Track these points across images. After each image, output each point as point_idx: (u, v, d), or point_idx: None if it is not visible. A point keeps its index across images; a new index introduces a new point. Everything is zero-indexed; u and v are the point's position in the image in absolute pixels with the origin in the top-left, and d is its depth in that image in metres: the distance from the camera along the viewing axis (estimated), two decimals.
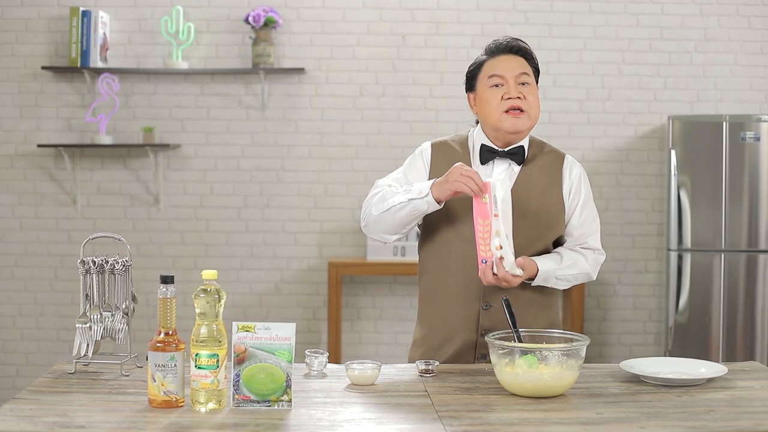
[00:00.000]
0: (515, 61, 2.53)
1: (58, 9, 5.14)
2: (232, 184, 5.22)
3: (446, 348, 2.54)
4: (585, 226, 2.62)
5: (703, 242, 4.81)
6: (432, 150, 2.62)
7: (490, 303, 2.51)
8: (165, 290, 2.05)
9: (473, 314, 2.53)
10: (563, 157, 2.65)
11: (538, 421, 1.92)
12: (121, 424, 1.88)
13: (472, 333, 2.53)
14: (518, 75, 2.51)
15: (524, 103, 2.50)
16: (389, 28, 5.20)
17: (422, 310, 2.65)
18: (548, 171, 2.59)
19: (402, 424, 1.91)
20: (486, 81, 2.53)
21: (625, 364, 2.34)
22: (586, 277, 2.61)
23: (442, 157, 2.59)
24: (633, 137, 5.24)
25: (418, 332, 2.66)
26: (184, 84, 5.18)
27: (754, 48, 5.23)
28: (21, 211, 5.23)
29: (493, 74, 2.52)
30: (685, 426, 1.89)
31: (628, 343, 5.30)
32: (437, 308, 2.58)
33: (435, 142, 2.65)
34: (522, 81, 2.52)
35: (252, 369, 2.00)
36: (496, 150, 2.56)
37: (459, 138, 2.66)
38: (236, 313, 5.16)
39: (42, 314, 5.25)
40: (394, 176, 2.63)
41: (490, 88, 2.52)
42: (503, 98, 2.50)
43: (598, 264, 2.64)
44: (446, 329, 2.56)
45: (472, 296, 2.52)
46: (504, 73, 2.51)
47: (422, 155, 2.62)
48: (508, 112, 2.50)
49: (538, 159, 2.60)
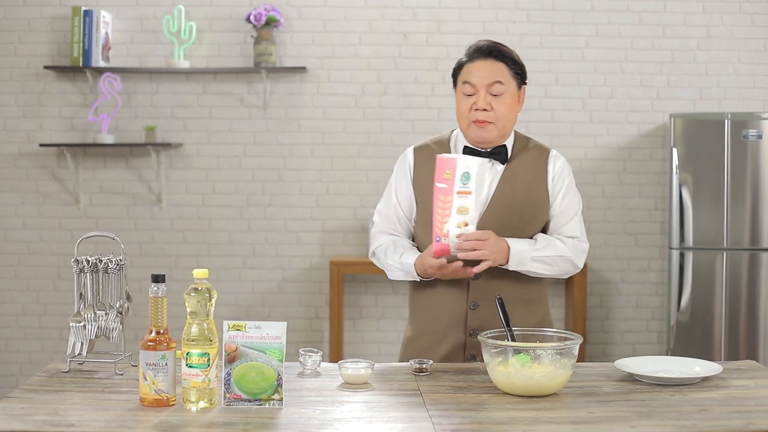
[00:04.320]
0: (491, 67, 2.50)
1: (60, 8, 5.15)
2: (234, 183, 5.23)
3: (436, 350, 2.54)
4: (565, 213, 2.59)
5: (705, 240, 4.79)
6: (415, 154, 2.64)
7: (477, 303, 2.51)
8: (156, 289, 2.05)
9: (461, 314, 2.53)
10: (548, 152, 2.64)
11: (529, 420, 1.92)
12: (111, 423, 1.89)
13: (460, 333, 2.53)
14: (490, 84, 2.49)
15: (491, 114, 2.49)
16: (391, 27, 5.19)
17: (412, 311, 2.68)
18: (533, 166, 2.58)
19: (392, 423, 1.91)
20: (461, 86, 2.54)
21: (619, 363, 2.33)
22: (569, 263, 2.55)
23: (426, 161, 2.60)
24: (636, 135, 5.22)
25: (409, 332, 2.67)
26: (186, 83, 5.19)
27: (757, 45, 5.20)
28: (24, 210, 5.24)
29: (466, 81, 2.52)
30: (676, 425, 1.88)
31: (631, 341, 5.28)
32: (425, 309, 2.59)
33: (417, 147, 2.66)
34: (494, 92, 2.49)
35: (243, 368, 2.00)
36: (479, 151, 2.56)
37: (440, 140, 2.66)
38: (239, 312, 5.17)
39: (45, 313, 5.26)
40: (385, 206, 2.66)
41: (462, 95, 2.54)
42: (472, 108, 2.50)
43: (581, 251, 2.58)
44: (435, 330, 2.56)
45: (459, 297, 2.51)
46: (476, 82, 2.50)
47: (406, 162, 2.65)
48: (475, 122, 2.51)
49: (523, 155, 2.60)
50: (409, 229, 2.66)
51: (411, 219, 2.64)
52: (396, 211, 2.64)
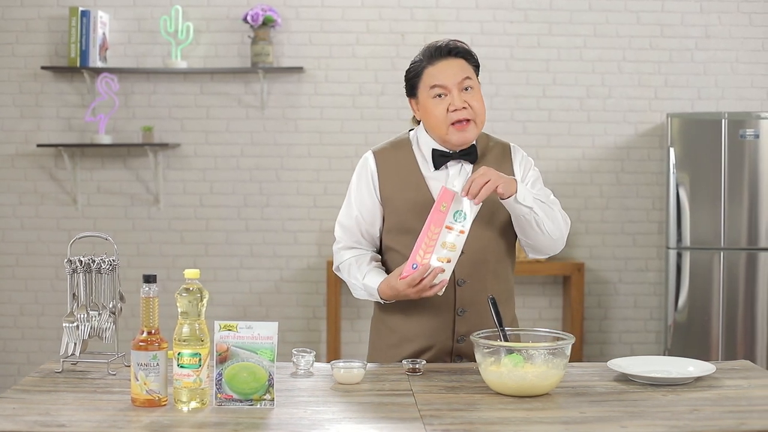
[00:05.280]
0: (456, 65, 2.45)
1: (57, 9, 5.16)
2: (231, 183, 5.23)
3: (424, 357, 2.50)
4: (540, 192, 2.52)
5: (702, 240, 4.79)
6: (376, 160, 2.55)
7: (465, 309, 2.49)
8: (147, 289, 2.05)
9: (448, 321, 2.50)
10: (509, 147, 2.60)
11: (520, 420, 1.91)
12: (102, 423, 1.88)
13: (448, 340, 2.51)
14: (461, 81, 2.43)
15: (470, 112, 2.43)
16: (388, 27, 5.19)
17: (399, 316, 2.56)
18: (499, 162, 2.54)
19: (383, 423, 1.90)
20: (428, 91, 2.45)
21: (612, 363, 2.33)
22: (562, 220, 2.48)
23: (388, 164, 2.53)
24: (633, 135, 5.22)
25: (396, 337, 2.57)
26: (184, 83, 5.19)
27: (755, 45, 5.20)
28: (22, 210, 5.24)
29: (434, 84, 2.44)
30: (667, 425, 1.87)
31: (629, 341, 5.28)
32: (412, 315, 2.52)
33: (377, 151, 2.57)
34: (465, 86, 2.44)
35: (234, 368, 2.00)
36: (449, 153, 2.50)
37: (400, 142, 2.58)
38: (236, 312, 5.17)
39: (43, 313, 5.26)
40: (346, 218, 2.57)
41: (433, 99, 2.45)
42: (449, 110, 2.43)
43: (564, 217, 2.51)
44: (422, 336, 2.51)
45: (446, 303, 2.48)
46: (446, 82, 2.43)
47: (367, 168, 2.55)
48: (454, 124, 2.43)
49: (488, 153, 2.55)
50: (374, 240, 2.58)
51: (376, 227, 2.56)
52: (358, 222, 2.55)
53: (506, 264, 2.57)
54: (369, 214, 2.55)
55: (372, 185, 2.54)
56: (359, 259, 2.54)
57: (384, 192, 2.53)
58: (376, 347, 2.62)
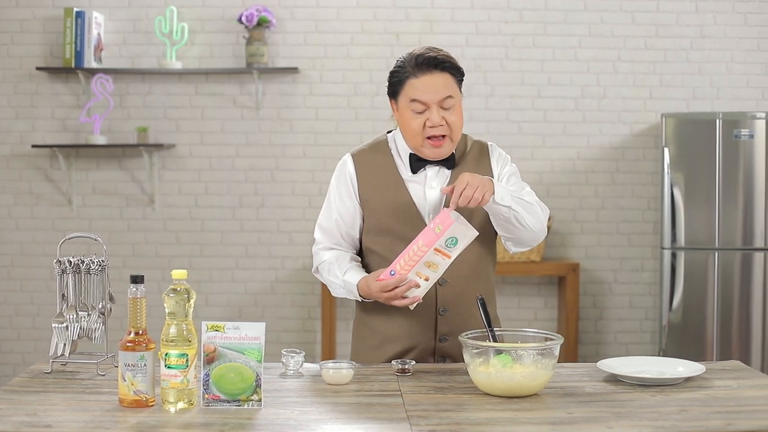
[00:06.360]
0: (440, 81, 2.42)
1: (52, 10, 5.15)
2: (226, 183, 5.22)
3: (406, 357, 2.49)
4: (515, 186, 2.52)
5: (697, 240, 4.79)
6: (354, 162, 2.55)
7: (446, 308, 2.49)
8: (135, 290, 2.05)
9: (430, 321, 2.50)
10: (487, 146, 2.60)
11: (507, 421, 1.91)
12: (88, 424, 1.88)
13: (430, 340, 2.51)
14: (442, 100, 2.41)
15: (446, 128, 2.42)
16: (383, 27, 5.19)
17: (381, 317, 2.56)
18: (477, 163, 2.54)
19: (369, 424, 1.90)
20: (408, 103, 2.43)
21: (602, 364, 2.33)
22: (540, 211, 2.45)
23: (367, 166, 2.53)
24: (628, 135, 5.22)
25: (378, 338, 2.57)
26: (179, 84, 5.19)
27: (750, 45, 5.20)
28: (17, 211, 5.24)
29: (415, 99, 2.41)
30: (654, 426, 1.87)
31: (624, 342, 5.27)
32: (394, 316, 2.51)
33: (355, 154, 2.57)
34: (446, 106, 2.42)
35: (221, 368, 2.00)
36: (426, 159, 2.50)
37: (378, 144, 2.58)
38: (231, 313, 5.17)
39: (38, 314, 5.26)
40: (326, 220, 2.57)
41: (410, 112, 2.43)
42: (425, 125, 2.41)
43: (543, 208, 2.49)
44: (404, 337, 2.51)
45: (427, 303, 2.47)
46: (426, 99, 2.40)
47: (346, 171, 2.55)
48: (430, 138, 2.43)
49: (467, 154, 2.55)
50: (354, 242, 2.58)
51: (356, 229, 2.56)
52: (338, 225, 2.55)
53: (487, 263, 2.57)
54: (349, 216, 2.55)
55: (351, 187, 2.54)
56: (339, 257, 2.55)
57: (363, 194, 2.53)
58: (358, 349, 2.61)
